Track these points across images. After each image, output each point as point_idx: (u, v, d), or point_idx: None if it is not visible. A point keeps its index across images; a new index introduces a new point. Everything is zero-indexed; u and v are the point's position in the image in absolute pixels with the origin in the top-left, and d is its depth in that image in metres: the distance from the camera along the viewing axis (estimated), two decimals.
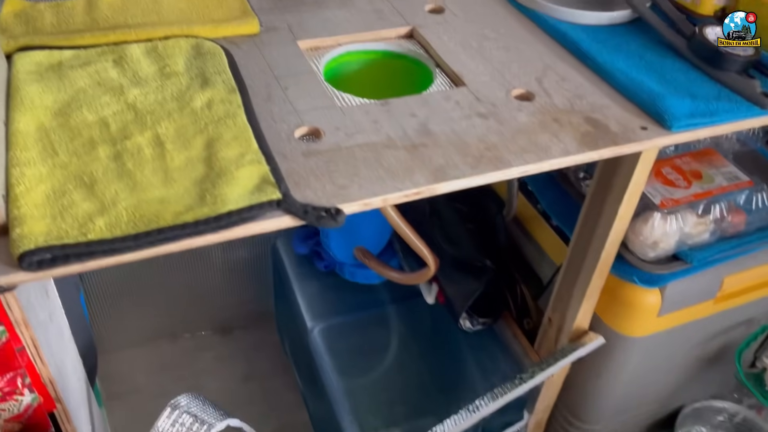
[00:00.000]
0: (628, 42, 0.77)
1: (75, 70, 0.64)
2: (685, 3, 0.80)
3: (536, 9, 0.81)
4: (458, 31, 0.79)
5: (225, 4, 0.78)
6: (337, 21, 0.79)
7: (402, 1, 0.84)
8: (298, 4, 0.82)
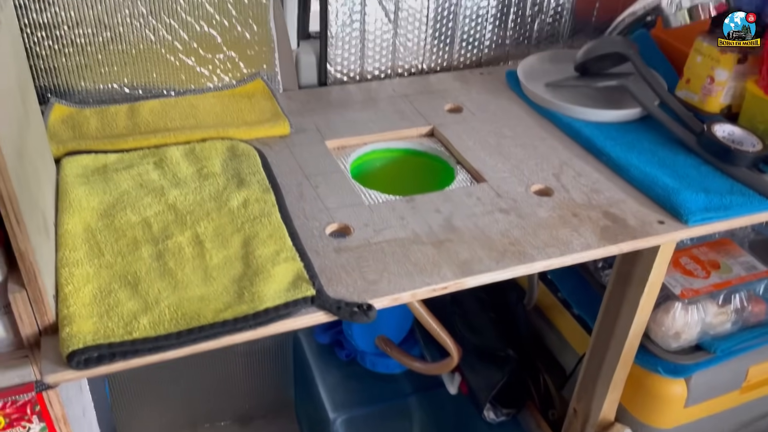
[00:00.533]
0: (640, 139, 0.81)
1: (119, 173, 0.68)
2: (692, 101, 0.84)
3: (550, 108, 0.86)
4: (477, 130, 0.83)
5: (258, 107, 0.83)
6: (362, 122, 0.84)
7: (422, 102, 0.89)
8: (326, 107, 0.87)
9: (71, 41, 0.76)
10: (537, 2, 1.00)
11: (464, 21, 0.97)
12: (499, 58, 1.03)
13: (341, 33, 0.91)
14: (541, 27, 1.03)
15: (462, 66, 1.01)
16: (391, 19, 0.92)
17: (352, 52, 0.93)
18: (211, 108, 0.82)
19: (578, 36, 1.06)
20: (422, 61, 0.98)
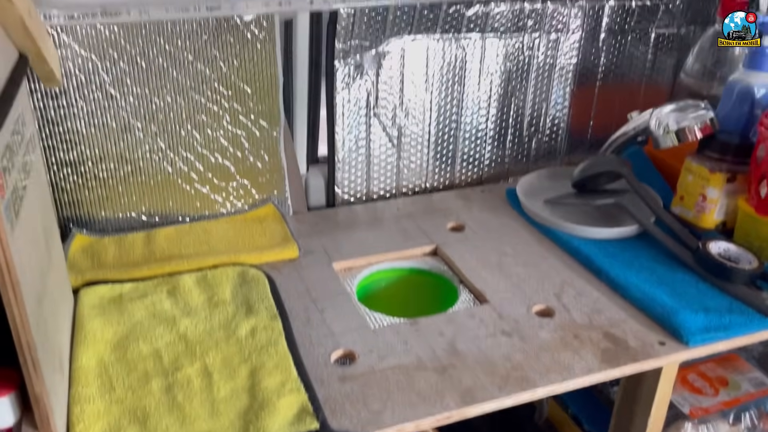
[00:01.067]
0: (638, 256, 0.83)
1: (134, 302, 0.71)
2: (687, 217, 0.87)
3: (550, 226, 0.89)
4: (478, 248, 0.86)
5: (268, 231, 0.87)
6: (368, 242, 0.87)
7: (426, 220, 0.93)
8: (333, 228, 0.90)
9: (94, 176, 0.82)
10: (534, 123, 1.06)
11: (464, 142, 1.02)
12: (499, 176, 1.07)
13: (348, 158, 0.96)
14: (538, 145, 1.08)
15: (463, 184, 1.05)
16: (394, 144, 0.98)
17: (358, 175, 0.98)
18: (223, 233, 0.86)
19: (575, 152, 1.11)
20: (425, 180, 1.03)
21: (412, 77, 0.95)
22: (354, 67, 0.91)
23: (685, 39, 1.07)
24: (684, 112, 0.86)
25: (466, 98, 1.00)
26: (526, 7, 0.96)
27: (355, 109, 0.94)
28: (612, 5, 1.01)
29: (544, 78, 1.03)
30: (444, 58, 0.96)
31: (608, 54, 1.05)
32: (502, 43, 0.98)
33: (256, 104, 0.84)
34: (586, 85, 1.06)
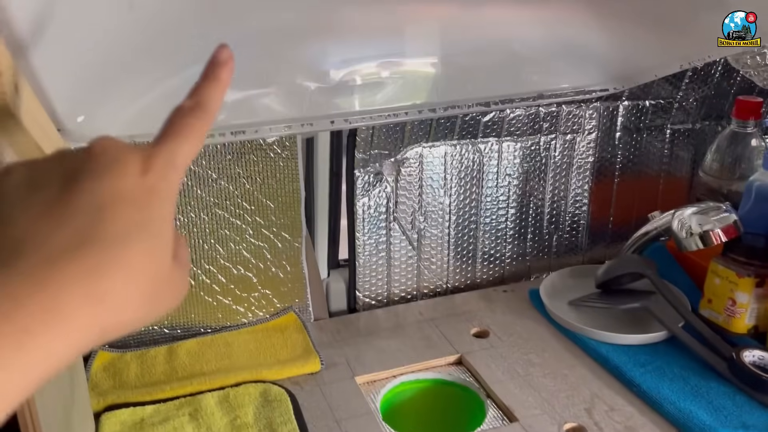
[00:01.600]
0: (670, 363, 0.80)
1: (155, 428, 0.70)
2: (717, 321, 0.85)
3: (575, 331, 0.87)
4: (504, 357, 0.84)
5: (290, 341, 0.86)
6: (390, 351, 0.86)
7: (449, 326, 0.91)
8: (355, 336, 0.89)
9: None
10: (553, 220, 1.06)
11: (484, 241, 1.02)
12: (521, 273, 1.06)
13: (368, 262, 0.96)
14: (559, 242, 1.08)
15: (485, 283, 1.04)
16: (414, 246, 0.98)
17: (379, 278, 0.97)
18: (245, 345, 0.85)
19: (596, 248, 1.10)
20: (446, 281, 1.02)
21: (430, 182, 0.96)
22: (373, 175, 0.92)
23: (701, 134, 1.08)
24: (706, 215, 0.85)
25: (485, 199, 1.00)
26: (541, 111, 0.98)
27: (375, 215, 0.94)
28: (626, 105, 1.02)
29: (561, 176, 1.04)
30: (462, 161, 0.97)
31: (625, 151, 1.06)
32: (519, 145, 0.99)
33: (278, 217, 0.85)
34: (604, 181, 1.07)
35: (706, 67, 1.02)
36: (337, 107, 0.79)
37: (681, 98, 1.04)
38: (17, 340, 0.24)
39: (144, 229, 0.28)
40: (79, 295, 0.25)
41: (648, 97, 1.03)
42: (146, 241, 0.28)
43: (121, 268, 0.27)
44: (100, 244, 0.26)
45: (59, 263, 0.25)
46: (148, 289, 0.28)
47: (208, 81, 0.33)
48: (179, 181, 0.31)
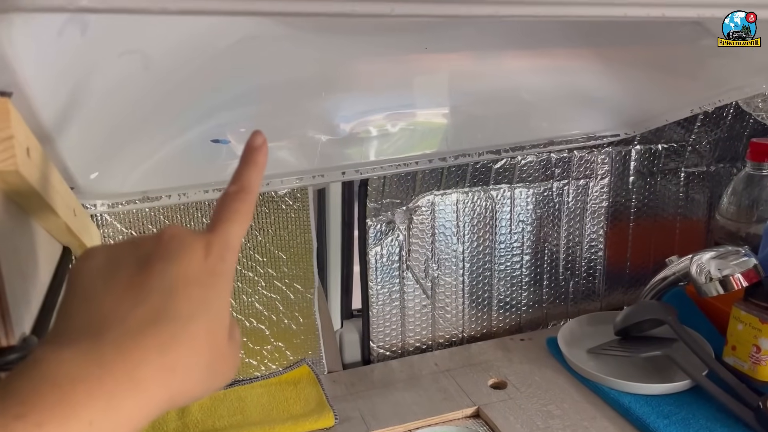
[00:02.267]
0: (694, 414, 0.78)
1: None
2: (742, 369, 0.82)
3: (596, 381, 0.85)
4: (523, 409, 0.82)
5: (303, 395, 0.84)
6: (405, 404, 0.84)
7: (465, 377, 0.90)
8: (369, 388, 0.88)
9: None
10: (569, 266, 1.04)
11: (499, 289, 1.01)
12: (538, 321, 1.05)
13: (382, 311, 0.95)
14: (576, 288, 1.06)
15: (502, 331, 1.03)
16: (428, 295, 0.97)
17: (393, 328, 0.96)
18: (258, 399, 0.83)
19: (613, 293, 1.08)
20: (462, 330, 1.00)
21: (443, 229, 0.96)
22: (385, 224, 0.92)
23: (716, 176, 1.07)
24: (725, 259, 0.84)
25: (499, 246, 0.99)
26: (553, 156, 0.97)
27: (388, 263, 0.94)
28: (638, 149, 1.02)
29: (576, 222, 1.03)
30: (474, 209, 0.96)
31: (639, 195, 1.05)
32: (531, 191, 0.99)
33: (290, 269, 0.85)
34: (620, 225, 1.06)
35: (717, 110, 1.02)
36: (347, 158, 0.80)
37: (694, 141, 1.04)
38: (106, 401, 0.27)
39: (208, 308, 0.32)
40: (156, 364, 0.29)
41: (660, 140, 1.03)
42: (210, 319, 0.32)
43: (189, 342, 0.30)
44: (174, 321, 0.30)
45: (138, 337, 0.29)
46: (210, 362, 0.32)
47: (247, 166, 0.37)
48: (235, 261, 0.35)
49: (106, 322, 0.29)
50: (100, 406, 0.27)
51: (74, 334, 0.29)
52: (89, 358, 0.28)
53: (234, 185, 0.36)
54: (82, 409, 0.26)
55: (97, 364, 0.28)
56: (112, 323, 0.29)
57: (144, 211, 0.77)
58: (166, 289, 0.31)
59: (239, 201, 0.35)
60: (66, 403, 0.26)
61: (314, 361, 0.90)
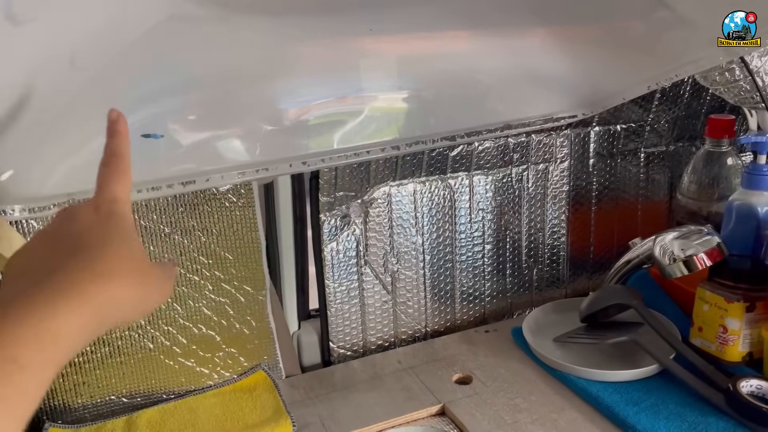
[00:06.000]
0: (664, 399, 0.76)
1: None
2: (709, 350, 0.81)
3: (563, 370, 0.82)
4: (489, 404, 0.79)
5: (259, 403, 0.80)
6: (367, 405, 0.80)
7: (429, 373, 0.86)
8: (330, 392, 0.84)
9: (69, 362, 0.76)
10: (532, 253, 1.02)
11: (462, 280, 0.98)
12: (502, 311, 1.02)
13: (341, 310, 0.91)
14: (540, 275, 1.03)
15: (466, 324, 0.99)
16: (389, 290, 0.93)
17: (353, 327, 0.92)
18: (211, 410, 0.79)
19: (578, 279, 1.06)
20: (425, 325, 0.97)
21: (401, 221, 0.92)
22: (340, 218, 0.88)
23: (676, 156, 1.06)
24: (688, 239, 0.82)
25: (459, 236, 0.96)
26: (511, 141, 0.94)
27: (344, 260, 0.89)
28: (597, 130, 1.00)
29: (537, 208, 1.00)
30: (432, 198, 0.93)
31: (600, 177, 1.03)
32: (490, 178, 0.95)
33: (238, 270, 0.80)
34: (582, 210, 1.03)
35: (674, 88, 1.00)
36: (294, 149, 0.75)
37: (652, 120, 1.02)
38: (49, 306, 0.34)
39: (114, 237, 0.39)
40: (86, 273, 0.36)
41: (619, 121, 1.00)
42: (120, 243, 0.39)
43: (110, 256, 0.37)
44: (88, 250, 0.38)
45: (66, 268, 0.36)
46: (133, 274, 0.38)
47: (112, 136, 0.44)
48: (129, 209, 0.41)
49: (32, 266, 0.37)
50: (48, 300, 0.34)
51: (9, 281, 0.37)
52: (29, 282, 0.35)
53: (106, 154, 0.43)
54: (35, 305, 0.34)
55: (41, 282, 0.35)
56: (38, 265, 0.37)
57: None
58: (74, 238, 0.38)
59: (113, 164, 0.42)
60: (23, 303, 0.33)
61: (270, 366, 0.86)
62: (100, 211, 0.40)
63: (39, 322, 0.33)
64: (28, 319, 0.33)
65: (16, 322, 0.33)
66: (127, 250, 0.39)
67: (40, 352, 0.32)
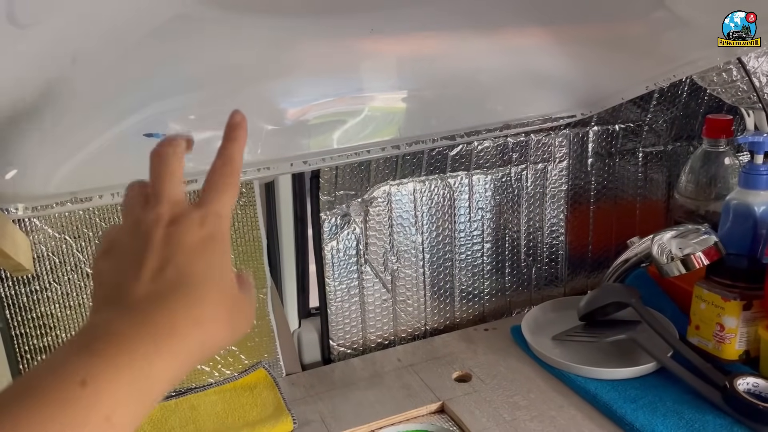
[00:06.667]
0: (662, 397, 0.76)
1: None
2: (706, 348, 0.81)
3: (562, 368, 0.83)
4: (489, 401, 0.79)
5: (260, 400, 0.80)
6: (367, 403, 0.81)
7: (429, 371, 0.87)
8: (330, 389, 0.84)
9: None
10: (531, 252, 1.02)
11: (461, 279, 0.98)
12: (501, 309, 1.02)
13: (341, 308, 0.91)
14: (538, 274, 1.04)
15: (465, 322, 1.00)
16: (389, 288, 0.94)
17: (353, 325, 0.93)
18: (212, 408, 0.79)
19: (577, 277, 1.07)
20: (425, 323, 0.97)
21: (400, 220, 0.92)
22: (341, 217, 0.88)
23: (674, 155, 1.06)
24: (686, 238, 0.82)
25: (459, 235, 0.97)
26: (510, 141, 0.95)
27: (345, 258, 0.90)
28: (596, 130, 1.00)
29: (536, 207, 1.01)
30: (432, 197, 0.93)
31: (598, 177, 1.03)
32: (490, 177, 0.96)
33: (239, 269, 0.80)
34: (580, 209, 1.04)
35: (672, 88, 1.00)
36: (295, 149, 0.75)
37: (650, 120, 1.03)
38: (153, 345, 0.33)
39: (214, 270, 0.37)
40: (186, 319, 0.35)
41: (617, 121, 1.01)
42: (218, 278, 0.37)
43: (208, 299, 0.36)
44: (191, 285, 0.36)
45: (168, 300, 0.35)
46: (229, 312, 0.37)
47: (229, 141, 0.41)
48: (228, 226, 0.39)
49: (134, 293, 0.35)
50: (149, 350, 0.33)
51: (113, 308, 0.35)
52: (133, 319, 0.34)
53: (219, 159, 0.40)
54: (135, 354, 0.32)
55: (141, 323, 0.34)
56: (140, 293, 0.35)
57: (77, 214, 0.72)
58: (177, 261, 0.36)
59: (225, 174, 0.40)
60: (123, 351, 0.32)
61: (271, 364, 0.86)
62: (206, 226, 0.37)
63: (137, 374, 0.32)
64: (127, 370, 0.32)
65: (112, 371, 0.31)
66: (226, 284, 0.38)
67: (134, 405, 0.32)
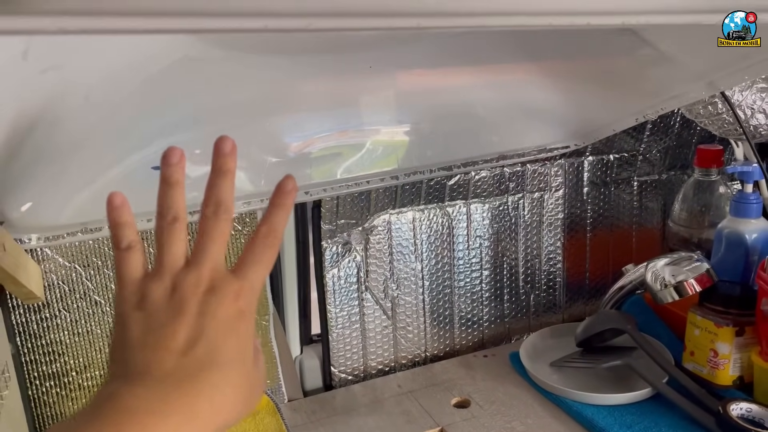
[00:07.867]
0: (657, 423, 0.77)
1: None
2: (701, 374, 0.83)
3: (559, 394, 0.84)
4: (486, 427, 0.81)
5: (262, 427, 0.82)
6: (368, 429, 0.82)
7: (428, 397, 0.88)
8: (331, 414, 0.86)
9: (78, 385, 0.78)
10: (529, 279, 1.04)
11: (460, 306, 1.00)
12: (500, 336, 1.04)
13: (342, 335, 0.93)
14: (537, 301, 1.06)
15: (464, 348, 1.01)
16: (389, 315, 0.96)
17: (354, 351, 0.94)
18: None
19: (575, 304, 1.08)
20: (424, 349, 0.99)
21: (400, 248, 0.95)
22: (342, 245, 0.91)
23: (668, 184, 1.09)
24: (679, 265, 0.84)
25: (458, 262, 0.99)
26: (507, 171, 0.98)
27: (346, 286, 0.92)
28: (591, 160, 1.03)
29: (533, 235, 1.03)
30: (431, 226, 0.96)
31: (594, 205, 1.05)
32: (487, 206, 0.99)
33: None
34: (577, 237, 1.06)
35: (665, 119, 1.03)
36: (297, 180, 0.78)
37: (644, 150, 1.05)
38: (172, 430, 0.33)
39: (241, 353, 0.37)
40: (208, 404, 0.34)
41: (612, 151, 1.04)
42: (243, 362, 0.37)
43: (231, 383, 0.36)
44: (218, 367, 0.35)
45: (194, 380, 0.35)
46: (246, 394, 0.37)
47: (276, 209, 0.39)
48: (256, 302, 0.38)
49: (162, 366, 0.34)
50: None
51: (137, 375, 0.34)
52: (157, 395, 0.33)
53: (264, 226, 0.39)
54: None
55: (164, 401, 0.33)
56: (168, 367, 0.34)
57: (87, 243, 0.74)
58: (209, 336, 0.35)
59: (268, 245, 0.38)
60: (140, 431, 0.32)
61: (273, 390, 0.88)
62: (240, 300, 0.36)
63: None
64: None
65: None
66: (248, 365, 0.37)
67: None
